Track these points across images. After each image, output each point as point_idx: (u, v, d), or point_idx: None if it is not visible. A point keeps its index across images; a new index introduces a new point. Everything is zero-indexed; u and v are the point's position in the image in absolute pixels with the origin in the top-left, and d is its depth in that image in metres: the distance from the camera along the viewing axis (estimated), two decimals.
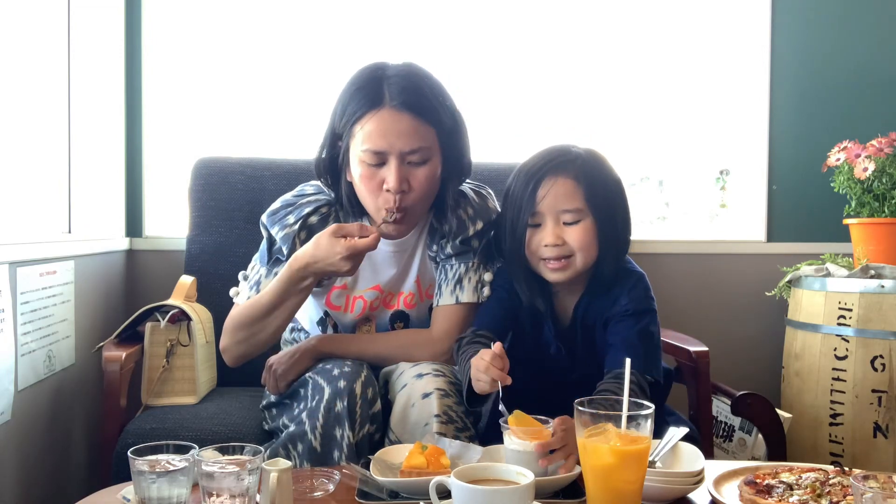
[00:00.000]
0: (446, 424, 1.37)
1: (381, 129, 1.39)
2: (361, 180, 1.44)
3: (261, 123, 2.45)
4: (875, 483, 0.97)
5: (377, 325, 1.64)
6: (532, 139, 2.52)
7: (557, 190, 1.42)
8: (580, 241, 1.42)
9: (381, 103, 1.40)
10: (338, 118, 1.46)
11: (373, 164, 1.42)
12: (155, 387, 1.72)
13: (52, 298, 1.75)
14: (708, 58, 2.58)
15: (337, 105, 1.48)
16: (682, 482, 1.15)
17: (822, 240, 2.49)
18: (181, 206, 2.21)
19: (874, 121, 2.43)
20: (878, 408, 1.97)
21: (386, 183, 1.42)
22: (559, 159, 1.45)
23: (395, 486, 1.15)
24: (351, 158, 1.46)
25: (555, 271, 1.44)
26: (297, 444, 1.40)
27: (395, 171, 1.40)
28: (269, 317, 1.48)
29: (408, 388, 1.43)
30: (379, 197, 1.44)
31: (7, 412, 1.53)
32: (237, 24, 2.43)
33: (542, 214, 1.43)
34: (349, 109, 1.43)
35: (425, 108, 1.43)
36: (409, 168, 1.43)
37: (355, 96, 1.43)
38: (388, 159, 1.41)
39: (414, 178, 1.44)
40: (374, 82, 1.42)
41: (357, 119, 1.41)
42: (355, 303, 1.61)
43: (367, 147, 1.40)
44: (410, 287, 1.62)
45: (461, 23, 2.47)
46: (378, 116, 1.40)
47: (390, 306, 1.63)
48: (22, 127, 1.73)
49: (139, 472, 1.03)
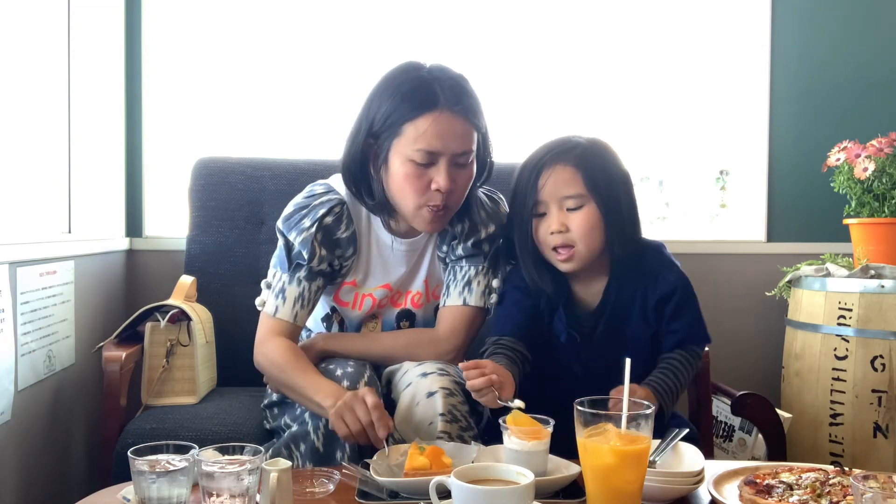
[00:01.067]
0: (451, 423, 1.38)
1: (438, 130, 1.41)
2: (407, 179, 1.45)
3: (261, 123, 2.45)
4: (875, 483, 0.97)
5: (383, 323, 1.64)
6: (532, 139, 2.52)
7: (557, 177, 1.45)
8: (583, 227, 1.44)
9: (437, 105, 1.42)
10: (379, 115, 1.46)
11: (423, 163, 1.43)
12: (155, 387, 1.72)
13: (52, 298, 1.75)
14: (708, 58, 2.58)
15: (375, 104, 1.48)
16: (682, 482, 1.15)
17: (822, 240, 2.49)
18: (181, 206, 2.21)
19: (874, 121, 2.42)
20: (878, 408, 1.97)
21: (435, 182, 1.44)
22: (559, 149, 1.48)
23: (395, 486, 1.15)
24: (392, 157, 1.46)
25: (563, 262, 1.47)
26: (300, 443, 1.41)
27: (446, 171, 1.44)
28: (286, 383, 1.49)
29: (412, 386, 1.43)
30: (423, 196, 1.46)
31: (7, 412, 1.53)
32: (237, 24, 2.43)
33: (545, 203, 1.46)
34: (400, 109, 1.44)
35: (474, 112, 1.47)
36: (454, 169, 1.46)
37: (408, 97, 1.43)
38: (439, 160, 1.44)
39: (458, 178, 1.47)
40: (424, 84, 1.44)
41: (410, 119, 1.42)
42: (364, 300, 1.61)
43: (422, 147, 1.42)
44: (419, 286, 1.63)
45: (461, 25, 2.47)
46: (434, 118, 1.42)
47: (398, 304, 1.64)
48: (22, 127, 1.73)
49: (139, 472, 1.03)
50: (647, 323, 1.52)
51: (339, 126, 2.45)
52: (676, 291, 1.51)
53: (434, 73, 1.47)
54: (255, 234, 2.09)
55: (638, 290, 1.51)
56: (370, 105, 1.49)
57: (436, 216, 1.48)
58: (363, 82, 2.39)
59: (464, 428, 1.40)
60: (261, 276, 2.06)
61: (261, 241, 2.07)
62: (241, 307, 2.03)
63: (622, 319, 1.53)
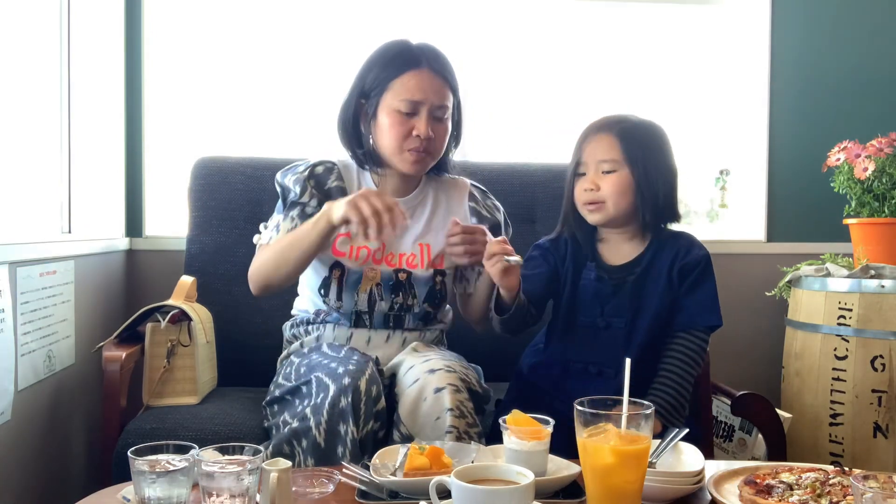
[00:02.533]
0: (459, 419, 1.41)
1: (419, 83, 1.61)
2: (392, 126, 1.62)
3: (261, 123, 2.45)
4: (875, 483, 0.97)
5: (382, 273, 1.68)
6: (531, 139, 2.53)
7: (599, 143, 1.62)
8: (613, 188, 1.60)
9: (420, 64, 1.62)
10: (370, 78, 1.65)
11: (406, 112, 1.61)
12: (156, 387, 1.72)
13: (52, 298, 1.75)
14: (708, 58, 2.58)
15: (365, 69, 1.68)
16: (682, 482, 1.15)
17: (822, 240, 2.49)
18: (181, 206, 2.21)
19: (874, 121, 2.43)
20: (878, 408, 1.98)
21: (416, 129, 1.61)
22: (610, 121, 1.65)
23: (395, 486, 1.15)
24: (381, 111, 1.64)
25: (591, 213, 1.64)
26: (302, 439, 1.42)
27: (426, 120, 1.62)
28: (290, 249, 1.60)
29: (420, 382, 1.46)
30: (405, 140, 1.62)
31: (7, 412, 1.53)
32: (237, 24, 2.43)
33: (585, 164, 1.64)
34: (388, 69, 1.63)
35: (451, 76, 1.67)
36: (433, 122, 1.64)
37: (395, 59, 1.63)
38: (420, 110, 1.61)
39: (437, 130, 1.64)
40: (408, 49, 1.65)
41: (396, 76, 1.62)
42: (359, 251, 1.67)
43: (405, 97, 1.61)
44: (412, 248, 1.70)
45: (460, 26, 2.48)
46: (417, 74, 1.62)
47: (391, 264, 1.69)
48: (22, 127, 1.73)
49: (139, 472, 1.03)
50: (670, 288, 1.62)
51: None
52: (700, 264, 1.64)
53: (419, 45, 1.67)
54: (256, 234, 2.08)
55: (669, 257, 1.64)
56: (362, 72, 1.68)
57: (418, 157, 1.63)
58: None
59: (470, 424, 1.43)
60: None
61: None
62: (242, 307, 2.03)
63: (651, 281, 1.63)
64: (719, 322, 1.63)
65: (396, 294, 1.67)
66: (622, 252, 1.67)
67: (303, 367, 1.55)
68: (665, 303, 1.61)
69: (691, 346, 1.61)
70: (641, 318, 1.61)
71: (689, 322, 1.62)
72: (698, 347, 1.61)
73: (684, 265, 1.62)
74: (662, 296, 1.61)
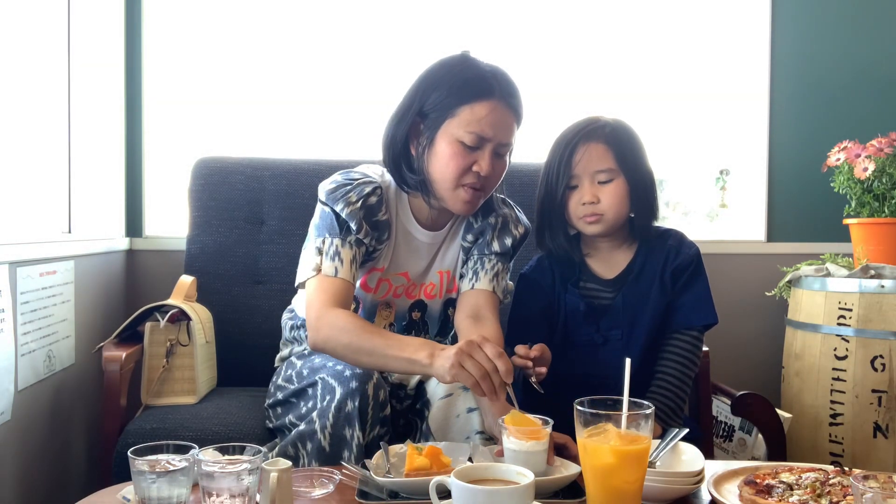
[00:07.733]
0: (489, 441, 1.40)
1: (491, 118, 1.48)
2: (453, 157, 1.49)
3: (261, 123, 2.45)
4: (875, 483, 0.97)
5: (396, 313, 1.65)
6: (531, 138, 2.52)
7: (591, 153, 1.57)
8: (612, 198, 1.57)
9: (493, 95, 1.48)
10: (433, 97, 1.51)
11: (471, 145, 1.49)
12: (155, 387, 1.72)
13: (52, 298, 1.75)
14: (708, 58, 2.58)
15: (428, 86, 1.52)
16: (682, 482, 1.15)
17: (822, 240, 2.49)
18: (181, 206, 2.21)
19: (874, 121, 2.43)
20: (878, 408, 1.97)
21: (477, 165, 1.50)
22: (590, 127, 1.60)
23: (395, 487, 1.15)
24: (440, 136, 1.50)
25: (590, 224, 1.59)
26: (307, 442, 1.41)
27: (490, 157, 1.50)
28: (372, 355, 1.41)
29: (452, 397, 1.46)
30: (463, 176, 1.51)
31: (7, 412, 1.53)
32: (237, 24, 2.43)
33: (578, 177, 1.59)
34: (459, 93, 1.49)
35: (520, 108, 1.55)
36: (495, 158, 1.53)
37: (469, 83, 1.49)
38: (485, 146, 1.50)
39: (496, 167, 1.54)
40: (482, 74, 1.51)
41: (465, 103, 1.48)
42: (381, 284, 1.62)
43: (475, 130, 1.48)
44: (433, 278, 1.66)
45: (460, 26, 2.47)
46: (489, 105, 1.48)
47: (412, 296, 1.66)
48: (22, 127, 1.73)
49: (139, 472, 1.03)
50: (664, 291, 1.61)
51: (339, 126, 2.46)
52: (692, 263, 1.63)
53: (490, 69, 1.53)
54: (255, 234, 2.09)
55: (660, 260, 1.63)
56: (423, 87, 1.53)
57: (473, 196, 1.53)
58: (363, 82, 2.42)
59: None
60: (261, 276, 2.07)
61: (261, 241, 2.08)
62: (241, 307, 2.03)
63: (644, 287, 1.62)
64: (715, 320, 1.62)
65: (409, 332, 1.65)
66: (613, 262, 1.65)
67: (305, 370, 1.53)
68: (660, 307, 1.61)
69: (687, 347, 1.61)
70: (638, 325, 1.60)
71: (685, 322, 1.61)
72: (694, 347, 1.61)
73: (677, 266, 1.61)
74: (657, 300, 1.60)
